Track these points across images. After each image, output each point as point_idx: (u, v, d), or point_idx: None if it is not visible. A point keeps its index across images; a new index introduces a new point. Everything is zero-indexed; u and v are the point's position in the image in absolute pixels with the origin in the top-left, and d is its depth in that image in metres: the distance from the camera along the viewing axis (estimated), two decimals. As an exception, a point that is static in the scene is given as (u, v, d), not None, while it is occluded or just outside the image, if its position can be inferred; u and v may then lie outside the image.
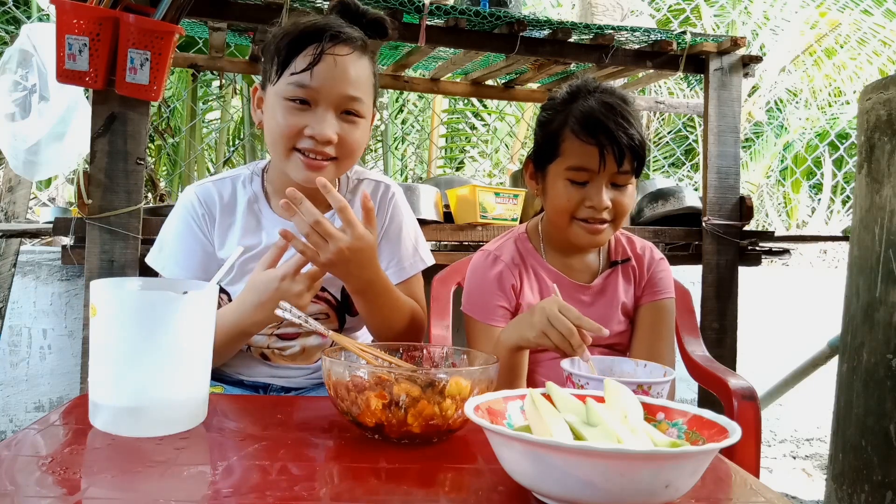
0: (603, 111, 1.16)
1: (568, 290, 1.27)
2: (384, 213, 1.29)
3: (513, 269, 1.28)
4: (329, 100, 1.09)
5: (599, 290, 1.31)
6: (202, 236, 1.22)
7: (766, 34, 5.28)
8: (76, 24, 1.54)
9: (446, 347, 0.98)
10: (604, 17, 3.11)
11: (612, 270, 1.32)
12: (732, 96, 2.22)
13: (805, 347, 2.52)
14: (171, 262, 1.22)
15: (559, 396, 0.74)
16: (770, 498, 0.68)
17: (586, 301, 1.29)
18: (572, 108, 1.19)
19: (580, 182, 1.19)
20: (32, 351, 2.16)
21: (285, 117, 1.09)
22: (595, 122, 1.15)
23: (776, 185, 5.75)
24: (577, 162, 1.18)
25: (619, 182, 1.20)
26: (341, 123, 1.11)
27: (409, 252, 1.29)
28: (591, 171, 1.17)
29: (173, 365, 0.81)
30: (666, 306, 1.32)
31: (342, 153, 1.13)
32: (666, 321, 1.32)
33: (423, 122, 4.83)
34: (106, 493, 0.64)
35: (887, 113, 1.51)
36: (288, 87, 1.09)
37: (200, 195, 1.23)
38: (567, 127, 1.18)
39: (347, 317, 1.28)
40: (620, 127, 1.15)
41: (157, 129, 3.78)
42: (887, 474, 1.46)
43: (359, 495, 0.65)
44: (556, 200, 1.21)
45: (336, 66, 1.08)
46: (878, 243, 1.51)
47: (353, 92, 1.10)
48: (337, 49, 1.09)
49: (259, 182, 1.25)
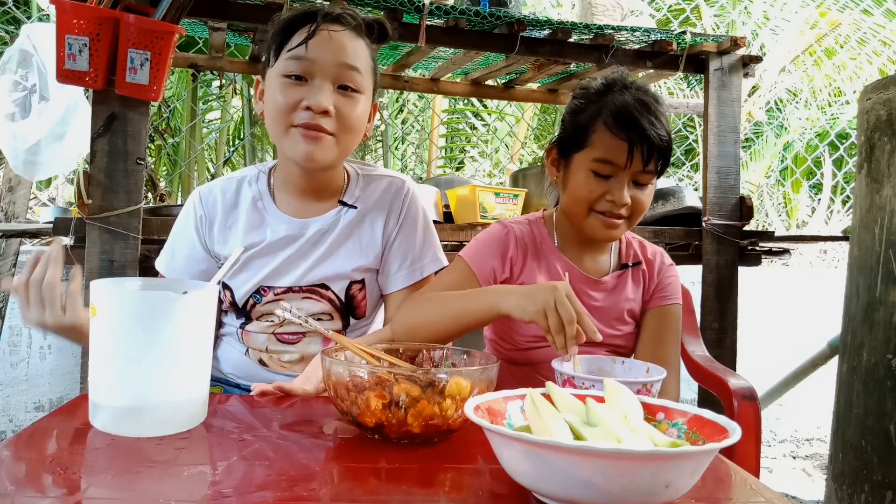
0: (638, 107, 1.15)
1: (579, 283, 1.27)
2: (399, 208, 1.27)
3: (519, 243, 1.27)
4: (324, 71, 1.10)
5: (609, 288, 1.30)
6: (196, 237, 1.23)
7: (766, 34, 5.28)
8: (76, 24, 1.54)
9: (446, 347, 0.98)
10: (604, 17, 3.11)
11: (623, 272, 1.32)
12: (732, 96, 2.22)
13: (805, 347, 2.52)
14: (169, 263, 1.25)
15: (559, 396, 0.74)
16: (770, 498, 0.68)
17: (595, 297, 1.28)
18: (606, 100, 1.19)
19: (604, 175, 1.18)
20: (32, 351, 2.16)
21: (283, 93, 1.10)
22: (629, 117, 1.15)
23: (776, 185, 5.75)
24: (605, 154, 1.17)
25: (641, 180, 1.20)
26: (338, 96, 1.12)
27: (423, 252, 1.28)
28: (617, 166, 1.17)
29: (173, 365, 0.81)
30: (673, 312, 1.32)
31: (340, 128, 1.12)
32: (672, 326, 1.32)
33: (423, 122, 4.84)
34: (106, 493, 0.64)
35: (887, 113, 1.51)
36: (285, 63, 1.11)
37: (203, 195, 1.24)
38: (599, 118, 1.18)
39: (352, 319, 1.27)
40: (652, 126, 1.15)
41: (157, 129, 3.78)
42: (887, 474, 1.46)
43: (359, 495, 0.65)
44: (577, 190, 1.21)
45: (331, 39, 1.10)
46: (878, 243, 1.51)
47: (350, 61, 1.11)
48: (332, 26, 1.11)
49: (265, 180, 1.26)
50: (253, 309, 1.24)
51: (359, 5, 1.87)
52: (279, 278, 1.22)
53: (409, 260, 1.26)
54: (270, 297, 1.22)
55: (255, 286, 1.22)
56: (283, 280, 1.22)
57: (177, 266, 1.25)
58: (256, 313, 1.24)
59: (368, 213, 1.25)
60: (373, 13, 1.94)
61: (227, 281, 1.24)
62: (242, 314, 1.25)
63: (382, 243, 1.26)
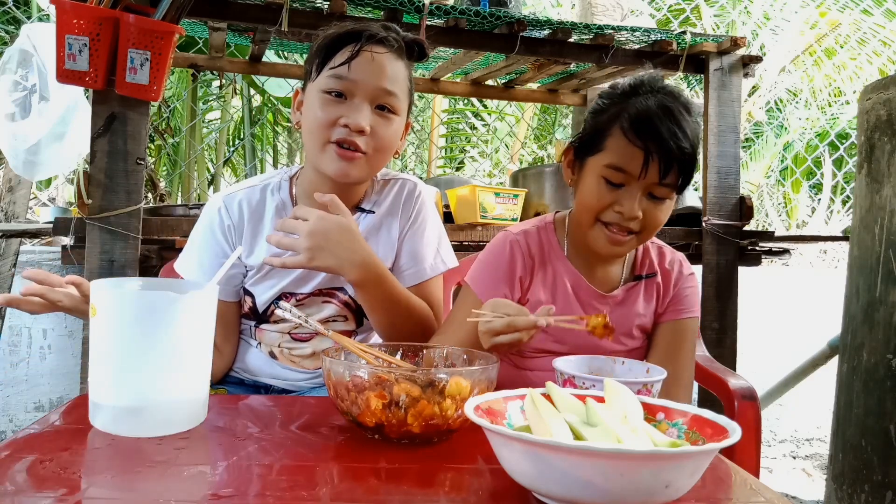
0: (659, 114, 1.06)
1: (585, 296, 1.21)
2: (410, 209, 1.28)
3: (525, 259, 1.21)
4: (365, 92, 1.12)
5: (618, 302, 1.22)
6: (227, 247, 1.23)
7: (766, 34, 5.28)
8: (76, 24, 1.54)
9: (446, 347, 0.98)
10: (604, 17, 3.11)
11: (635, 284, 1.24)
12: (732, 96, 2.22)
13: (805, 347, 2.52)
14: (196, 270, 1.23)
15: (559, 396, 0.74)
16: (770, 498, 0.68)
17: (600, 308, 1.22)
18: (629, 103, 1.10)
19: (616, 183, 1.10)
20: (32, 351, 2.16)
21: (323, 108, 1.13)
22: (648, 123, 1.06)
23: (776, 185, 5.75)
24: (618, 161, 1.09)
25: (657, 194, 1.10)
26: (375, 117, 1.14)
27: (430, 253, 1.28)
28: (630, 175, 1.08)
29: (173, 365, 0.81)
30: (689, 326, 1.24)
31: (374, 147, 1.14)
32: (688, 340, 1.24)
33: (423, 122, 4.84)
34: (106, 493, 0.64)
35: (887, 113, 1.51)
36: (326, 79, 1.13)
37: (228, 205, 1.23)
38: (618, 122, 1.09)
39: (365, 320, 1.27)
40: (673, 135, 1.05)
41: (157, 129, 3.79)
42: (887, 474, 1.46)
43: (359, 495, 0.65)
44: (586, 197, 1.14)
45: (373, 61, 1.12)
46: (878, 243, 1.51)
47: (388, 86, 1.14)
48: (375, 47, 1.13)
49: (287, 188, 1.26)
50: (272, 315, 1.25)
51: (359, 5, 1.87)
52: (303, 285, 1.23)
53: (417, 260, 1.27)
54: (293, 303, 1.23)
55: (278, 293, 1.23)
56: (306, 287, 1.23)
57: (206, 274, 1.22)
58: (276, 318, 1.24)
59: (385, 217, 1.26)
60: (373, 13, 1.94)
61: (248, 287, 1.25)
62: (261, 319, 1.26)
63: (398, 245, 1.27)
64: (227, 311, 1.24)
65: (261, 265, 1.21)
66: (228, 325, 1.26)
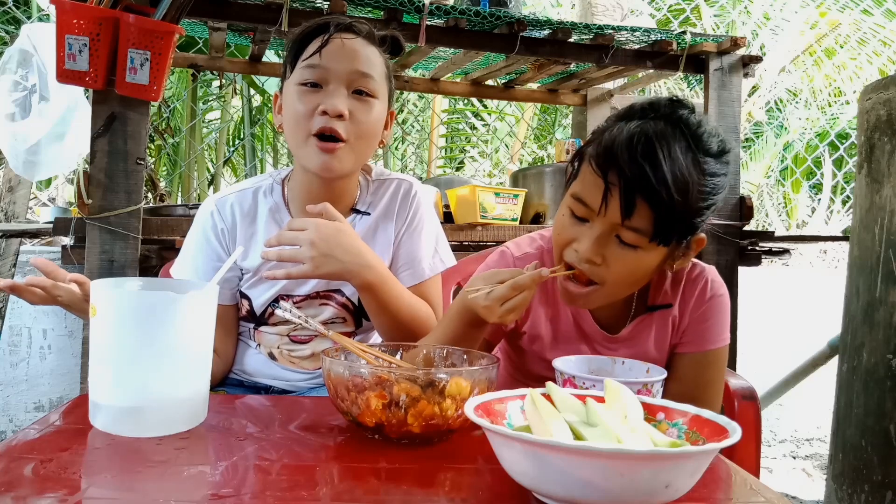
0: (642, 140, 0.89)
1: (590, 336, 1.12)
2: (406, 210, 1.27)
3: None
4: (339, 77, 1.12)
5: (625, 339, 1.11)
6: (221, 250, 1.22)
7: (766, 34, 5.28)
8: (76, 24, 1.54)
9: (446, 347, 0.98)
10: (604, 17, 3.11)
11: (645, 317, 1.10)
12: (732, 96, 2.22)
13: (805, 347, 2.52)
14: (192, 275, 1.23)
15: (559, 396, 0.74)
16: (770, 498, 0.68)
17: (607, 350, 1.12)
18: (616, 126, 0.95)
19: (579, 217, 0.97)
20: (32, 351, 2.16)
21: (300, 100, 1.12)
22: (613, 151, 0.91)
23: (776, 185, 5.75)
24: (581, 192, 0.95)
25: (624, 238, 0.93)
26: (353, 101, 1.13)
27: (428, 253, 1.27)
28: (591, 210, 0.94)
29: (173, 365, 0.81)
30: (713, 357, 1.10)
31: (355, 134, 1.13)
32: (716, 369, 1.10)
33: (423, 122, 4.84)
34: (106, 493, 0.64)
35: (887, 113, 1.51)
36: (301, 72, 1.13)
37: (220, 208, 1.23)
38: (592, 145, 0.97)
39: (364, 321, 1.27)
40: (639, 169, 0.88)
41: (157, 129, 3.79)
42: (887, 474, 1.46)
43: (359, 495, 0.65)
44: (554, 228, 1.02)
45: (344, 46, 1.13)
46: (878, 243, 1.51)
47: (363, 68, 1.13)
48: (344, 34, 1.13)
49: (280, 191, 1.25)
50: (271, 317, 1.24)
51: (359, 5, 1.87)
52: (299, 287, 1.23)
53: (415, 260, 1.26)
54: (290, 304, 1.23)
55: (275, 295, 1.23)
56: (303, 288, 1.23)
57: (202, 278, 1.22)
58: (274, 320, 1.24)
59: (381, 218, 1.26)
60: (373, 13, 1.94)
61: (245, 290, 1.24)
62: (259, 322, 1.26)
63: (395, 246, 1.26)
64: (225, 315, 1.24)
65: (256, 268, 1.21)
66: (226, 328, 1.26)
